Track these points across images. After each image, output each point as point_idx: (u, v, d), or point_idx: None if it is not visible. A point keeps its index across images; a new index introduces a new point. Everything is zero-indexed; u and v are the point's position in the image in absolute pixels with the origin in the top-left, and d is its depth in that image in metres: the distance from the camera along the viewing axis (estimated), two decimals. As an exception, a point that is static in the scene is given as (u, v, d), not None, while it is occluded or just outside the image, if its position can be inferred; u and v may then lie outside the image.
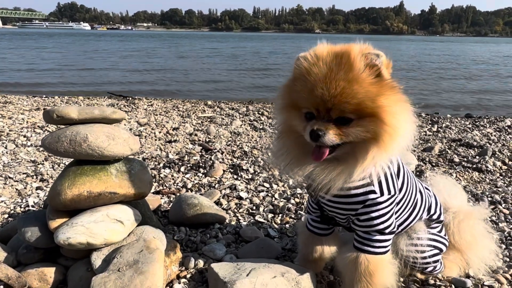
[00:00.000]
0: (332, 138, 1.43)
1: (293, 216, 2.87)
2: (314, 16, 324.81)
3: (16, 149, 4.49)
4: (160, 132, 5.58)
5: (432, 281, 2.02)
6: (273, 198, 3.21)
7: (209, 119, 6.71)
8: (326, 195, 1.56)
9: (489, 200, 3.22)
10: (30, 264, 1.97)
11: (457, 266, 2.07)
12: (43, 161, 4.10)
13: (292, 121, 1.57)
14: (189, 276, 2.05)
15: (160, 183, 3.55)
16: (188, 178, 3.69)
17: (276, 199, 3.19)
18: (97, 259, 1.84)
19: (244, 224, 2.73)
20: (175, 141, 5.09)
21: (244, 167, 3.93)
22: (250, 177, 3.71)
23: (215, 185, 3.49)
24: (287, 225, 2.74)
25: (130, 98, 9.04)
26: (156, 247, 1.85)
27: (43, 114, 1.97)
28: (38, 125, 5.66)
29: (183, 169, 3.90)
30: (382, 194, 1.59)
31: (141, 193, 2.06)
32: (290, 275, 1.79)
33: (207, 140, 5.22)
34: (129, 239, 1.96)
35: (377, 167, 1.48)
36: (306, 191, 2.16)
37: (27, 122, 5.92)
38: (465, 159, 4.43)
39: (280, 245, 2.40)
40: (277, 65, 19.82)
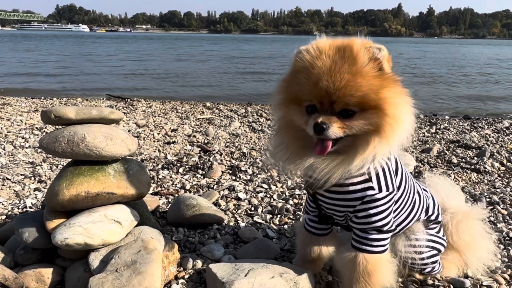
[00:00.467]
0: (336, 131, 1.43)
1: (292, 216, 2.87)
2: (312, 18, 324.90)
3: (14, 151, 4.49)
4: (158, 133, 5.57)
5: (430, 282, 2.02)
6: (272, 199, 3.21)
7: (207, 121, 6.71)
8: (325, 186, 1.53)
9: (487, 200, 3.23)
10: (27, 265, 1.96)
11: (455, 266, 2.06)
12: (41, 162, 4.09)
13: (292, 115, 1.56)
14: (187, 276, 2.04)
15: (158, 184, 3.55)
16: (186, 179, 3.69)
17: (274, 200, 3.19)
18: (95, 259, 1.84)
19: (242, 224, 2.72)
20: (173, 143, 5.09)
21: (242, 168, 3.93)
22: (248, 178, 3.71)
23: (214, 186, 3.48)
24: (286, 226, 2.73)
25: (128, 99, 9.03)
26: (154, 247, 1.85)
27: (41, 114, 1.96)
28: (36, 127, 5.66)
29: (181, 170, 3.89)
30: (380, 190, 1.58)
31: (139, 193, 2.05)
32: (288, 275, 1.79)
33: (206, 141, 5.22)
34: (127, 239, 1.95)
35: (377, 159, 1.47)
36: (304, 190, 2.15)
37: (25, 123, 5.91)
38: (463, 160, 4.44)
39: (278, 246, 2.40)
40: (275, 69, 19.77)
